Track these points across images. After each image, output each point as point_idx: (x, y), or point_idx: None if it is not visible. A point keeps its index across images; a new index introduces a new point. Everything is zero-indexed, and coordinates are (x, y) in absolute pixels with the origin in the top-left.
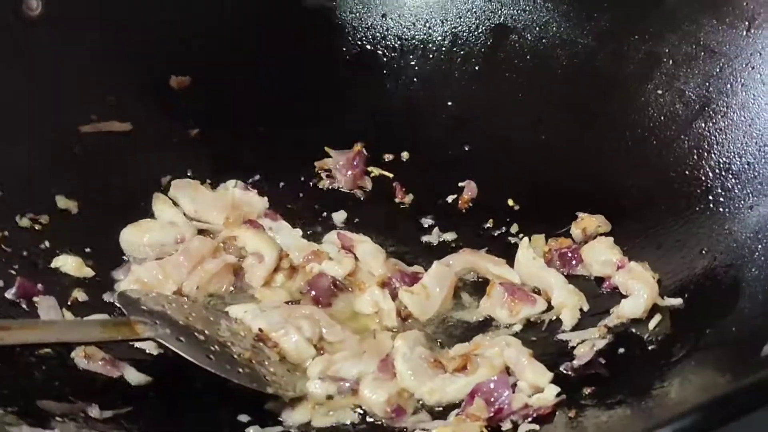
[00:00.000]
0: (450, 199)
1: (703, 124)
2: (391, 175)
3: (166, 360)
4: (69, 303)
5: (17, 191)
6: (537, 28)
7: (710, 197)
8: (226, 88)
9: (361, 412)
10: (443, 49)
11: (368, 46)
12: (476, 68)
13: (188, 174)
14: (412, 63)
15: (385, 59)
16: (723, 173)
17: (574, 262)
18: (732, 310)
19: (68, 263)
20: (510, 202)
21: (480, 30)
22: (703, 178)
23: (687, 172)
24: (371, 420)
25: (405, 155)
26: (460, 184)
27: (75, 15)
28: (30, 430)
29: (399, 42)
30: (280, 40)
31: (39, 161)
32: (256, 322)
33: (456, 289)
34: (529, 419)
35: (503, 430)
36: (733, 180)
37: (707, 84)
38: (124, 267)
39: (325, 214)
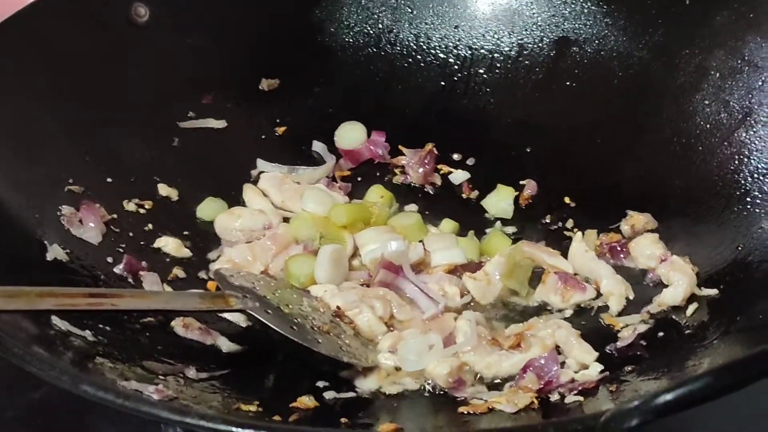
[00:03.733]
0: None
1: (745, 133)
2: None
3: (254, 332)
4: (169, 279)
5: (125, 179)
6: (596, 41)
7: (748, 199)
8: (311, 90)
9: (426, 382)
10: (510, 58)
11: (441, 55)
12: (539, 77)
13: (275, 167)
14: (481, 71)
15: (456, 67)
16: (761, 177)
17: (622, 255)
18: (761, 300)
19: (169, 244)
20: (566, 199)
21: (544, 42)
22: (743, 181)
23: (728, 176)
24: (434, 390)
25: (471, 161)
26: (521, 182)
27: (177, 23)
28: (138, 384)
29: (469, 51)
30: (358, 48)
31: (144, 153)
32: (335, 300)
33: None
34: (575, 392)
35: (551, 400)
36: None
37: (750, 96)
38: (217, 249)
39: (398, 206)
